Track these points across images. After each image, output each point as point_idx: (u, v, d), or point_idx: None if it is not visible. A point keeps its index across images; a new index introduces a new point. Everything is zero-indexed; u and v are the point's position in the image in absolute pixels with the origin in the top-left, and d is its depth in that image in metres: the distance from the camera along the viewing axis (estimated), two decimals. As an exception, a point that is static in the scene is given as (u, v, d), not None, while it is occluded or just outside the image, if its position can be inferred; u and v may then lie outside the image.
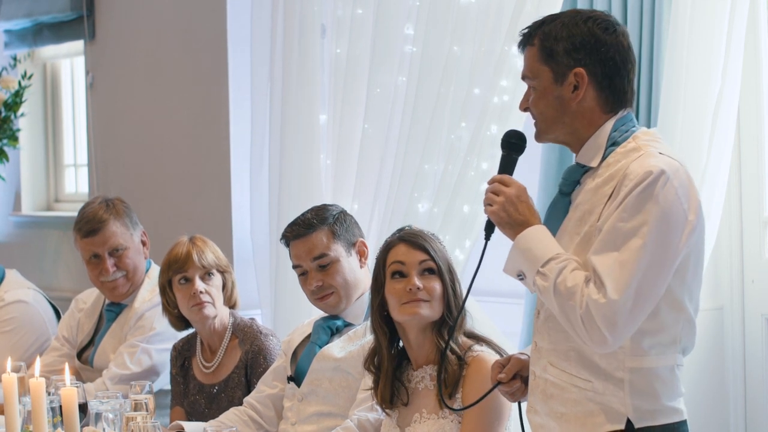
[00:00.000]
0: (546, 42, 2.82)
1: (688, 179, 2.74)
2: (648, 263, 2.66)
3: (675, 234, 2.69)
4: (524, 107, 2.90)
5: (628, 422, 2.76)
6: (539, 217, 2.85)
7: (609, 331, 2.66)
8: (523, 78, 2.89)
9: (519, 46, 2.91)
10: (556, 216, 2.87)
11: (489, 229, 2.93)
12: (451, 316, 3.30)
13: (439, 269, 3.31)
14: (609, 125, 2.82)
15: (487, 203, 2.87)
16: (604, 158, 2.81)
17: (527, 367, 2.98)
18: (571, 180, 2.87)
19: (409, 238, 3.34)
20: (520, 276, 2.82)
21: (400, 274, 3.31)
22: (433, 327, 3.32)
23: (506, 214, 2.83)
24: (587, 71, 2.80)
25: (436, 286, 3.30)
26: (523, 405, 3.07)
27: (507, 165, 2.94)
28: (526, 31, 2.88)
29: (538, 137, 2.91)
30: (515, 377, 3.01)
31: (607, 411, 2.78)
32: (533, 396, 2.92)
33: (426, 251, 3.31)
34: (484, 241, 2.94)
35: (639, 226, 2.66)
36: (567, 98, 2.82)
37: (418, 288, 3.27)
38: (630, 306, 2.66)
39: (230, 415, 3.86)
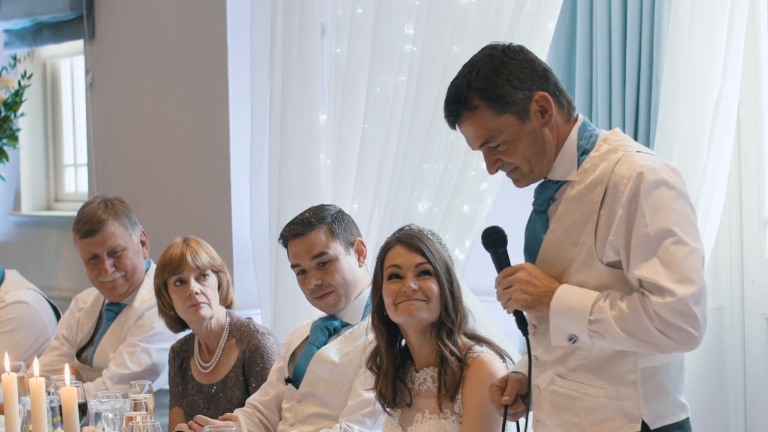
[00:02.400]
0: (491, 95, 2.79)
1: (672, 168, 2.76)
2: (689, 253, 2.65)
3: (691, 217, 2.71)
4: (495, 169, 2.86)
5: (643, 424, 2.77)
6: (556, 280, 2.82)
7: (691, 325, 2.62)
8: (484, 144, 2.83)
9: (453, 124, 2.86)
10: (537, 234, 2.87)
11: (522, 323, 2.91)
12: (449, 318, 3.29)
13: (435, 271, 3.30)
14: (574, 136, 2.83)
15: (506, 297, 2.85)
16: (578, 167, 2.81)
17: (524, 386, 2.98)
18: (545, 198, 2.87)
19: (406, 239, 3.33)
20: (573, 339, 2.77)
21: (397, 276, 3.31)
22: (432, 329, 3.32)
23: (528, 296, 2.81)
24: (543, 90, 2.80)
25: (433, 286, 3.29)
26: (522, 422, 3.06)
27: (501, 261, 2.93)
28: (453, 107, 2.84)
29: (522, 182, 2.88)
30: (516, 399, 3.01)
31: (622, 415, 2.78)
32: (539, 410, 2.91)
33: (423, 254, 3.30)
34: (523, 333, 2.93)
35: (662, 224, 2.66)
36: (538, 126, 2.81)
37: (414, 290, 3.27)
38: (697, 293, 2.64)
39: (241, 415, 3.83)
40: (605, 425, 2.80)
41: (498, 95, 2.78)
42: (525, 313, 2.91)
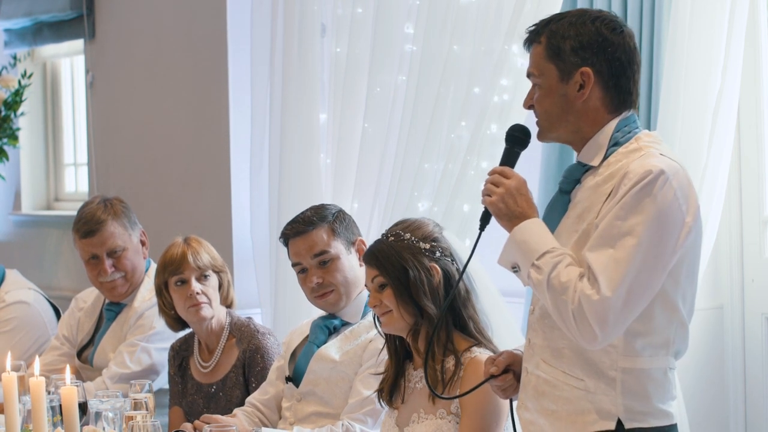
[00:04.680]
0: (553, 40, 2.82)
1: (688, 182, 2.74)
2: (642, 262, 2.66)
3: (671, 234, 2.69)
4: (528, 105, 2.90)
5: (619, 422, 2.77)
6: (537, 211, 2.85)
7: (599, 327, 2.66)
8: (529, 75, 2.89)
9: (525, 44, 2.91)
10: (555, 214, 2.88)
11: (485, 219, 2.92)
12: (422, 319, 3.28)
13: (389, 281, 3.29)
14: (612, 125, 2.83)
15: (486, 194, 2.87)
16: (605, 158, 2.82)
17: (519, 361, 2.99)
18: (572, 179, 2.88)
19: (366, 253, 3.38)
20: (515, 268, 2.82)
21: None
22: (418, 330, 3.31)
23: (505, 206, 2.83)
24: (594, 71, 2.80)
25: (389, 298, 3.30)
26: (515, 403, 3.07)
27: (509, 158, 2.94)
28: (533, 28, 2.89)
29: (541, 136, 2.91)
30: (507, 371, 3.01)
31: (598, 410, 2.78)
32: (524, 392, 2.93)
33: (375, 267, 3.32)
34: (479, 233, 2.93)
35: (635, 225, 2.66)
36: (572, 97, 2.82)
37: (375, 306, 3.32)
38: (621, 304, 2.66)
39: (242, 415, 3.84)
40: (580, 417, 2.80)
41: (556, 45, 2.82)
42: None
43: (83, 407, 3.53)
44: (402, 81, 4.51)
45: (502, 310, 3.60)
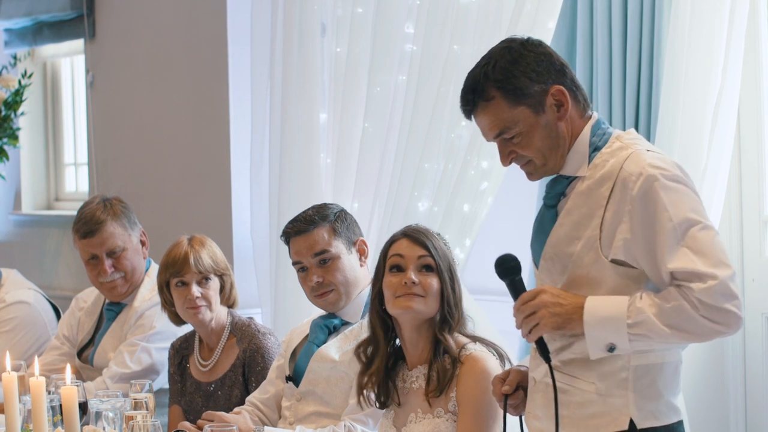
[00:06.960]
0: (507, 86, 2.80)
1: (681, 167, 2.78)
2: (704, 230, 2.67)
3: (703, 208, 2.73)
4: (509, 161, 2.88)
5: (631, 423, 2.77)
6: (584, 295, 2.79)
7: (735, 305, 2.62)
8: (499, 135, 2.85)
9: (469, 115, 2.86)
10: (544, 228, 2.87)
11: (544, 349, 2.84)
12: (451, 315, 3.30)
13: (438, 267, 3.30)
14: (586, 132, 2.84)
15: (532, 324, 2.79)
16: (589, 163, 2.82)
17: (526, 377, 2.98)
18: (556, 192, 2.87)
19: (411, 233, 3.35)
20: (611, 348, 2.73)
21: (398, 268, 3.31)
22: (429, 325, 3.32)
23: (558, 317, 2.77)
24: (560, 84, 2.82)
25: (433, 282, 3.29)
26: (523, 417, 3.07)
27: (516, 288, 2.89)
28: (470, 98, 2.84)
29: (535, 176, 2.89)
30: (517, 389, 3.01)
31: (609, 412, 2.78)
32: (533, 402, 2.92)
33: (426, 248, 3.31)
34: (546, 360, 2.87)
35: (678, 211, 2.67)
36: (553, 120, 2.82)
37: (414, 282, 3.27)
38: (734, 277, 2.64)
39: (245, 414, 3.83)
40: (593, 421, 2.80)
41: (514, 87, 2.80)
42: (544, 337, 2.86)
43: (83, 407, 3.53)
44: (402, 81, 4.52)
45: (477, 309, 3.64)
